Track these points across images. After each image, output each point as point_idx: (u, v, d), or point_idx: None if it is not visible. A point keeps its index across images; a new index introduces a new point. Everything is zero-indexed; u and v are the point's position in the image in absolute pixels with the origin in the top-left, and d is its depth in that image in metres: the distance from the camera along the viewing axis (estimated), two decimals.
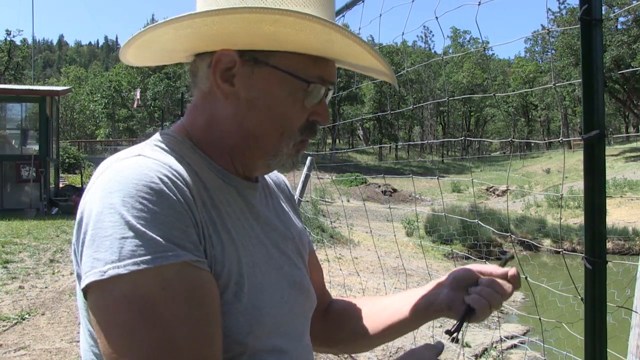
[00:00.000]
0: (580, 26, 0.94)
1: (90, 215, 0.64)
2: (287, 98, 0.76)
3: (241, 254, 0.73)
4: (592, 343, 0.97)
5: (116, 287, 0.60)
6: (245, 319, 0.71)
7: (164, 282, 0.61)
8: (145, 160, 0.68)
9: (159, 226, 0.62)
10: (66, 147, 22.74)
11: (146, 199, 0.63)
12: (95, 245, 0.62)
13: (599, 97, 0.94)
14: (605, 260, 0.96)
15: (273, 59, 0.75)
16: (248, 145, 0.79)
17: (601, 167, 0.95)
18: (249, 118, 0.77)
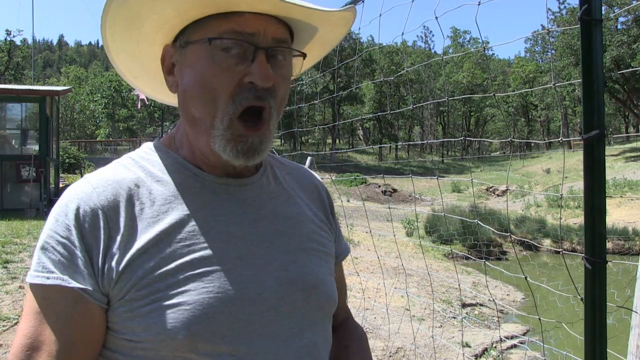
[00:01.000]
0: (580, 26, 0.94)
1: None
2: (206, 67, 0.74)
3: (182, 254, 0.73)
4: (592, 343, 0.97)
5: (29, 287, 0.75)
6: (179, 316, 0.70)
7: (46, 299, 0.72)
8: (80, 184, 0.77)
9: (49, 247, 0.72)
10: (66, 147, 22.73)
11: (55, 222, 0.74)
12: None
13: (599, 97, 0.94)
14: (605, 260, 0.96)
15: (193, 35, 0.76)
16: (195, 131, 0.79)
17: (601, 167, 0.95)
18: (187, 101, 0.78)
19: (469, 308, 6.85)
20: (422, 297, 6.83)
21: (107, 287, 0.72)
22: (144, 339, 0.71)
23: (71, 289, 0.71)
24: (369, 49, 53.91)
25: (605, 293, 0.97)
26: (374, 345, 4.44)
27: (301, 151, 4.05)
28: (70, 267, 0.71)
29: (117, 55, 0.84)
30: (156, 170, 0.80)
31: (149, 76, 0.90)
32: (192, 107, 0.77)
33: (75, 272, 0.71)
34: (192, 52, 0.76)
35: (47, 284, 0.71)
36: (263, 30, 0.74)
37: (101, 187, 0.76)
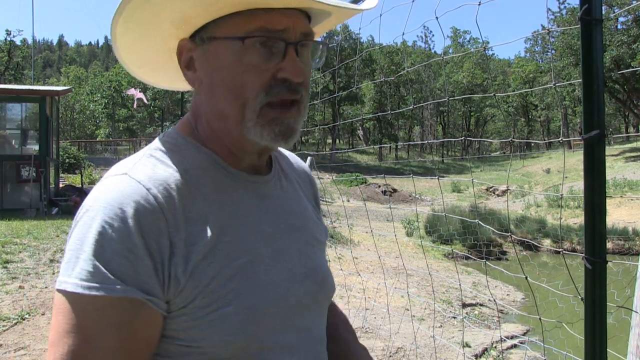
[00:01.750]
0: (581, 26, 0.94)
1: (75, 223, 0.71)
2: (236, 64, 0.74)
3: (237, 258, 0.74)
4: (592, 343, 0.97)
5: (65, 299, 0.67)
6: (239, 320, 0.72)
7: (100, 310, 0.66)
8: (126, 182, 0.71)
9: (109, 256, 0.66)
10: (66, 147, 22.74)
11: (109, 225, 0.67)
12: (65, 252, 0.70)
13: (599, 97, 0.94)
14: (605, 260, 0.96)
15: (217, 31, 0.75)
16: (225, 126, 0.78)
17: (601, 167, 0.95)
18: (214, 97, 0.77)
19: (469, 308, 6.85)
20: (422, 297, 6.83)
21: (171, 295, 0.70)
22: (203, 344, 0.72)
23: (135, 299, 0.66)
24: (369, 49, 53.93)
25: (605, 293, 0.97)
26: (374, 345, 4.44)
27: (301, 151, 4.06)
28: (136, 276, 0.67)
29: (124, 49, 0.83)
30: (193, 167, 0.77)
31: (155, 66, 0.89)
32: (220, 103, 0.76)
33: (141, 281, 0.67)
34: (218, 49, 0.75)
35: (111, 295, 0.65)
36: (292, 25, 0.74)
37: (154, 187, 0.71)
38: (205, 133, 0.81)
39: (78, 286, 0.65)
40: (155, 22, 0.77)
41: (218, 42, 0.75)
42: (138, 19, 0.75)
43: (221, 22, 0.74)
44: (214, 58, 0.75)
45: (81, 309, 0.66)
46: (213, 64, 0.76)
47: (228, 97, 0.75)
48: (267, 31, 0.73)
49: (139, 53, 0.85)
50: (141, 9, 0.73)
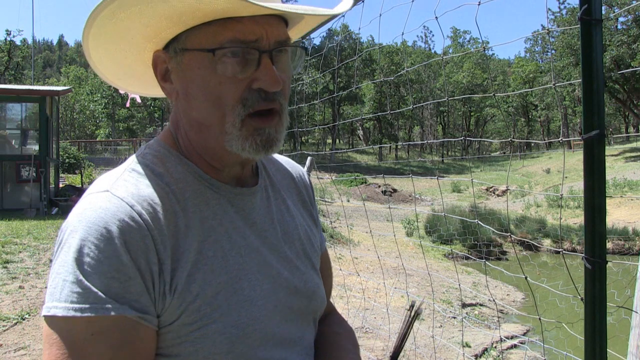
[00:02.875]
0: (580, 26, 0.94)
1: (58, 245, 0.69)
2: (210, 75, 0.72)
3: (224, 271, 0.73)
4: (592, 343, 0.97)
5: (54, 324, 0.64)
6: (224, 338, 0.71)
7: (95, 334, 0.64)
8: (109, 199, 0.69)
9: (99, 276, 0.64)
10: (66, 147, 22.72)
11: (95, 246, 0.65)
12: (51, 278, 0.67)
13: (599, 97, 0.94)
14: (605, 260, 0.96)
15: (189, 42, 0.73)
16: (203, 137, 0.76)
17: (601, 167, 0.95)
18: (191, 109, 0.75)
19: (469, 308, 6.85)
20: (422, 297, 6.83)
21: (159, 311, 0.69)
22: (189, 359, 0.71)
23: (130, 317, 0.65)
24: (369, 49, 53.91)
25: (605, 293, 0.97)
26: (374, 345, 4.44)
27: (301, 151, 4.04)
28: (128, 295, 0.65)
29: (99, 62, 0.81)
30: (176, 181, 0.75)
31: (133, 78, 0.88)
32: (198, 115, 0.74)
33: (133, 300, 0.66)
34: (192, 60, 0.73)
35: (105, 315, 0.63)
36: (265, 34, 0.72)
37: (137, 204, 0.69)
38: (184, 144, 0.79)
39: (69, 309, 0.63)
40: (125, 36, 0.75)
41: (191, 53, 0.73)
42: (108, 33, 0.74)
43: (193, 32, 0.72)
44: (189, 69, 0.73)
45: (77, 335, 0.63)
46: (188, 75, 0.74)
47: (206, 109, 0.73)
48: (239, 42, 0.70)
49: (114, 66, 0.84)
50: (111, 24, 0.71)
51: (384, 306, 5.41)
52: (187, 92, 0.75)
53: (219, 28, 0.70)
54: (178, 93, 0.76)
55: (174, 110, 0.80)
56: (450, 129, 65.89)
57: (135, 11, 0.69)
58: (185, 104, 0.76)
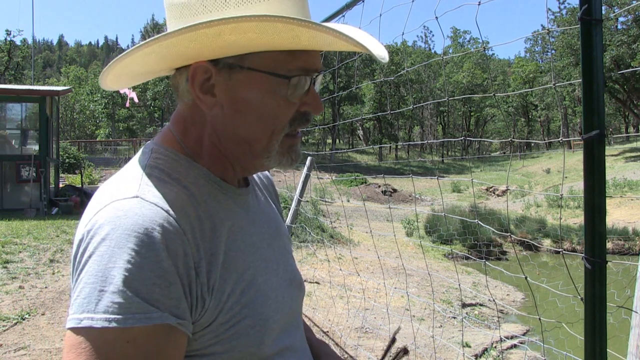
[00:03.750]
0: (580, 26, 0.94)
1: (84, 254, 0.66)
2: (270, 97, 0.74)
3: (243, 272, 0.77)
4: (592, 343, 0.97)
5: (86, 337, 0.62)
6: (256, 331, 0.75)
7: (131, 342, 0.62)
8: (142, 205, 0.68)
9: (140, 284, 0.63)
10: (66, 147, 22.73)
11: (135, 252, 0.64)
12: (79, 288, 0.64)
13: (599, 97, 0.94)
14: (605, 260, 0.96)
15: (248, 61, 0.73)
16: (243, 150, 0.78)
17: (601, 167, 0.95)
18: (238, 124, 0.76)
19: (469, 308, 6.85)
20: (422, 297, 6.83)
21: (197, 316, 0.70)
22: (222, 357, 0.73)
23: (169, 325, 0.65)
24: None
25: (605, 293, 0.97)
26: (374, 345, 4.44)
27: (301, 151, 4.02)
28: (169, 302, 0.65)
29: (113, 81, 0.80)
30: (192, 184, 0.76)
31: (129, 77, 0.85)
32: (244, 131, 0.76)
33: (173, 306, 0.65)
34: (250, 80, 0.74)
35: (147, 325, 0.63)
36: (319, 64, 0.78)
37: (172, 209, 0.69)
38: (194, 147, 0.80)
39: (109, 321, 0.61)
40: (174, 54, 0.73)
41: (249, 72, 0.74)
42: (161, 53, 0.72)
43: (257, 54, 0.73)
44: (244, 88, 0.74)
45: (111, 344, 0.62)
46: (241, 93, 0.75)
47: (257, 127, 0.76)
48: (305, 70, 0.75)
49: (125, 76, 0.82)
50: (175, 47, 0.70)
51: (384, 306, 5.41)
52: (235, 108, 0.75)
53: (289, 57, 0.74)
54: (221, 107, 0.76)
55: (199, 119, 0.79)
56: (450, 129, 65.90)
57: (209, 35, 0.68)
58: (229, 118, 0.76)
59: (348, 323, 4.83)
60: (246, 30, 0.67)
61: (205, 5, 0.71)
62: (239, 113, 0.75)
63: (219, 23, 0.65)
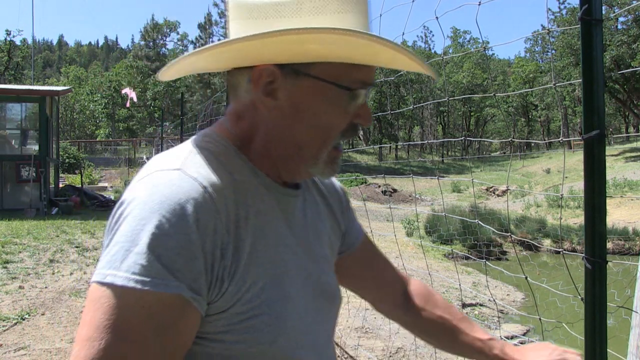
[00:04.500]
0: (581, 26, 0.94)
1: (121, 215, 0.68)
2: (330, 106, 0.76)
3: (271, 266, 0.76)
4: (592, 343, 0.97)
5: (107, 293, 0.64)
6: (270, 330, 0.74)
7: (145, 308, 0.64)
8: (182, 178, 0.70)
9: (165, 250, 0.64)
10: (66, 147, 22.74)
11: (166, 220, 0.65)
12: (110, 246, 0.66)
13: (599, 97, 0.94)
14: (606, 260, 0.96)
15: (314, 69, 0.75)
16: (292, 154, 0.79)
17: (601, 167, 0.95)
18: (294, 129, 0.77)
19: (469, 308, 6.85)
20: None
21: (213, 297, 0.70)
22: (231, 348, 0.73)
23: (184, 297, 0.65)
24: None
25: (605, 293, 0.97)
26: (374, 345, 4.44)
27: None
28: (188, 274, 0.65)
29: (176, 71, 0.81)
30: (236, 171, 0.77)
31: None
32: (299, 137, 0.78)
33: (192, 280, 0.66)
34: (314, 88, 0.75)
35: (163, 292, 0.63)
36: (374, 77, 0.80)
37: (210, 187, 0.70)
38: (251, 147, 0.81)
39: (129, 280, 0.63)
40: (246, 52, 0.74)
41: (314, 80, 0.75)
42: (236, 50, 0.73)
43: (324, 62, 0.75)
44: (307, 95, 0.76)
45: (128, 305, 0.63)
46: (304, 99, 0.76)
47: (312, 134, 0.77)
48: (364, 84, 0.77)
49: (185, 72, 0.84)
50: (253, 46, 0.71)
51: None
52: (295, 113, 0.77)
53: (352, 69, 0.75)
54: (281, 110, 0.77)
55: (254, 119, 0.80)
56: (450, 129, 65.90)
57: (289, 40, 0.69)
58: (286, 122, 0.77)
59: (348, 323, 4.83)
60: (329, 42, 0.69)
61: (277, 10, 0.72)
62: (298, 118, 0.77)
63: (307, 32, 0.66)
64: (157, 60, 55.36)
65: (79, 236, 8.98)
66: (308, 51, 0.71)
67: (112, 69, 63.41)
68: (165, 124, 16.08)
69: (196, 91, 49.53)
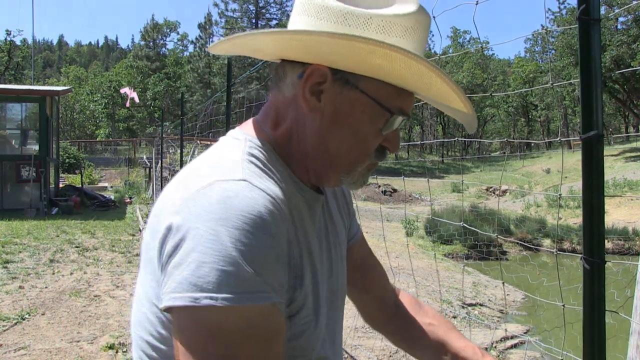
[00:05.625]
0: (579, 26, 0.94)
1: (188, 234, 0.63)
2: (368, 122, 0.77)
3: (312, 273, 0.79)
4: (591, 343, 0.97)
5: (206, 317, 0.61)
6: (314, 336, 0.78)
7: (250, 321, 0.63)
8: (252, 189, 0.68)
9: (258, 264, 0.63)
10: (66, 147, 22.74)
11: (252, 235, 0.63)
12: (190, 268, 0.62)
13: (597, 97, 0.94)
14: (604, 261, 0.96)
15: (362, 83, 0.76)
16: (324, 160, 0.80)
17: (600, 167, 0.95)
18: (331, 135, 0.78)
19: (469, 308, 6.85)
20: (422, 297, 6.84)
21: (288, 303, 0.72)
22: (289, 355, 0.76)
23: (278, 306, 0.66)
24: None
25: (604, 293, 0.97)
26: (374, 345, 4.44)
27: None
28: (276, 284, 0.66)
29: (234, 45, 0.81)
30: (280, 179, 0.77)
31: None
32: (335, 146, 0.78)
33: (279, 288, 0.67)
34: (358, 101, 0.76)
35: (265, 303, 0.63)
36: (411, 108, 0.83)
37: (276, 198, 0.70)
38: (287, 149, 0.81)
39: (230, 300, 0.61)
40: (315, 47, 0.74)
41: (360, 93, 0.76)
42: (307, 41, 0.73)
43: (372, 79, 0.76)
44: (350, 106, 0.77)
45: (233, 325, 0.62)
46: (346, 109, 0.77)
47: (347, 144, 0.78)
48: (403, 112, 0.79)
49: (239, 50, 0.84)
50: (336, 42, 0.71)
51: None
52: (334, 120, 0.77)
53: (396, 94, 0.77)
54: (322, 114, 0.77)
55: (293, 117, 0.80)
56: (450, 128, 65.87)
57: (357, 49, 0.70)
58: (324, 127, 0.78)
59: (348, 323, 4.83)
60: (394, 60, 0.70)
61: (346, 18, 0.72)
62: (336, 126, 0.77)
63: (381, 45, 0.68)
64: (157, 60, 55.38)
65: (79, 236, 8.98)
66: (371, 64, 0.72)
67: (112, 69, 63.43)
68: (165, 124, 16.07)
69: (196, 91, 49.53)
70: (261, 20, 49.23)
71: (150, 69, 53.87)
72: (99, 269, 6.74)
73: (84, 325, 4.56)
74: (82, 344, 4.12)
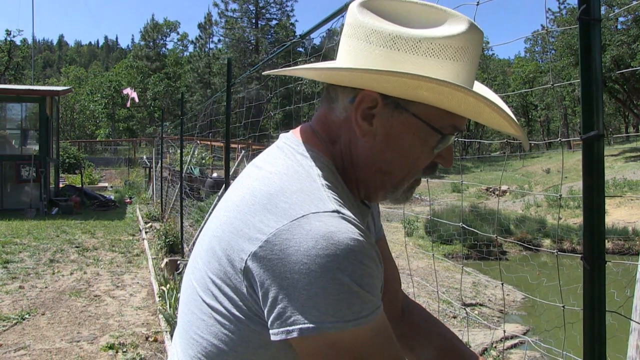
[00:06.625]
0: (579, 26, 0.94)
1: (294, 269, 0.67)
2: (420, 144, 0.80)
3: None
4: (591, 344, 0.97)
5: (336, 340, 0.68)
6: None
7: (375, 331, 0.71)
8: (349, 222, 0.71)
9: (372, 287, 0.70)
10: (66, 147, 22.73)
11: (360, 263, 0.68)
12: (315, 298, 0.66)
13: (597, 98, 0.94)
14: (604, 261, 0.96)
15: (413, 107, 0.78)
16: (375, 179, 0.83)
17: (600, 167, 0.95)
18: (382, 157, 0.81)
19: (469, 308, 6.85)
20: (422, 297, 6.84)
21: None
22: None
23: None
24: None
25: (604, 293, 0.97)
26: None
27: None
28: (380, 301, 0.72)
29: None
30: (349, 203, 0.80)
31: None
32: (386, 165, 0.81)
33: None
34: (409, 123, 0.78)
35: (380, 314, 0.71)
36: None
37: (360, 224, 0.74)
38: (341, 166, 0.84)
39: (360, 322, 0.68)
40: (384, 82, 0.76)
41: (411, 116, 0.78)
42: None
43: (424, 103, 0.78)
44: (401, 128, 0.79)
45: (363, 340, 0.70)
46: (397, 131, 0.79)
47: (399, 164, 0.81)
48: (455, 129, 0.81)
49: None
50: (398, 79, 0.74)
51: None
52: (386, 143, 0.80)
53: (447, 115, 0.79)
54: (374, 137, 0.80)
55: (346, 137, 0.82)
56: None
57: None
58: (376, 149, 0.81)
59: None
60: (441, 93, 0.73)
61: (395, 42, 0.74)
62: (388, 148, 0.80)
63: (425, 80, 0.70)
64: (157, 60, 55.36)
65: (79, 236, 8.98)
66: (418, 94, 0.75)
67: (112, 69, 63.42)
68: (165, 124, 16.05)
69: (196, 91, 49.53)
70: (261, 20, 49.23)
71: (150, 69, 53.85)
72: (99, 269, 6.75)
73: (84, 325, 4.56)
74: (82, 344, 4.12)
